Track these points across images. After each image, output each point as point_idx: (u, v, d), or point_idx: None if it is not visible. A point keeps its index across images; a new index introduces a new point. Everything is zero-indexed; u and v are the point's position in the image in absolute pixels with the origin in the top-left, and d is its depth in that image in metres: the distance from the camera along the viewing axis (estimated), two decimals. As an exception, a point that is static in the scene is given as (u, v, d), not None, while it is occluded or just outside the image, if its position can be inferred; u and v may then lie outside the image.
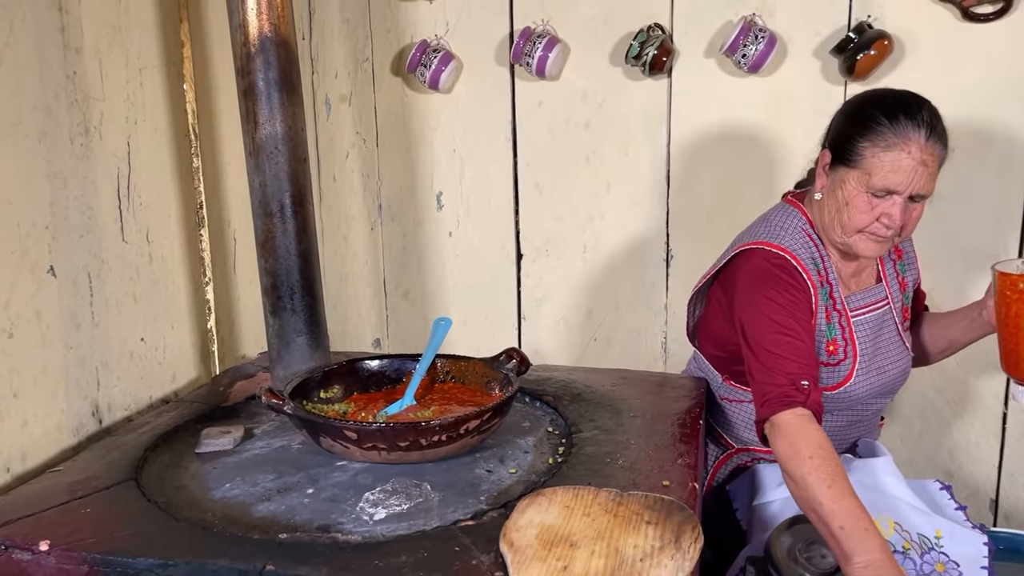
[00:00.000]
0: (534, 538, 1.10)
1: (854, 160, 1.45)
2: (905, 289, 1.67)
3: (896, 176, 1.41)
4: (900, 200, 1.43)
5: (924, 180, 1.42)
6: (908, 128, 1.41)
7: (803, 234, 1.55)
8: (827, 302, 1.53)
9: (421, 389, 1.54)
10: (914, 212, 1.47)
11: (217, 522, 1.21)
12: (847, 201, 1.47)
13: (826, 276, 1.54)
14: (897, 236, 1.48)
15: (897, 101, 1.45)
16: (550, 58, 2.09)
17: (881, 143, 1.42)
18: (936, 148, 1.43)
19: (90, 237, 1.59)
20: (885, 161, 1.41)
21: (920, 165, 1.40)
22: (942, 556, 1.41)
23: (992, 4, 1.88)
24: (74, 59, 1.55)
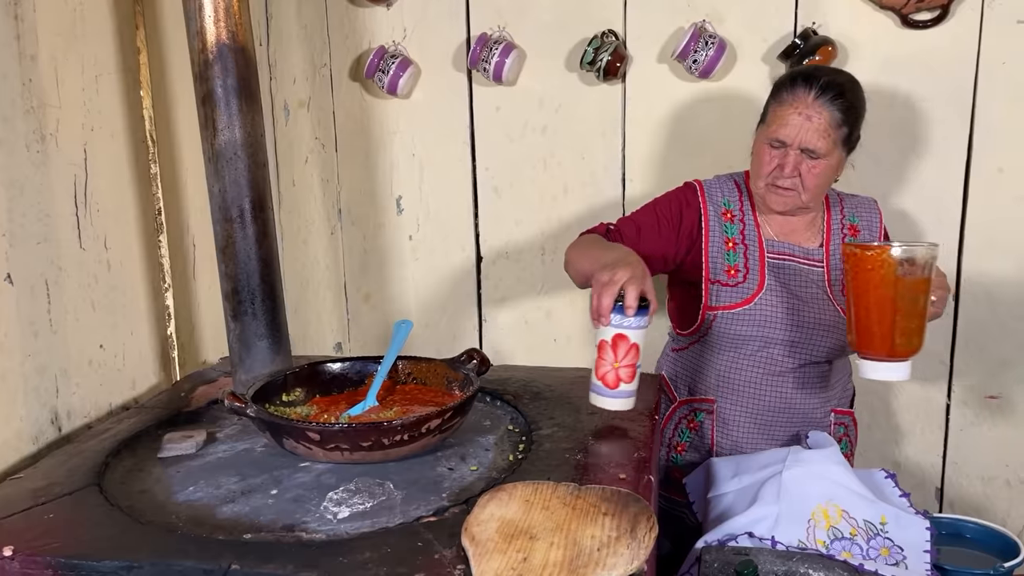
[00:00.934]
0: (495, 531, 1.13)
1: (764, 118, 1.72)
2: None
3: (785, 129, 1.64)
4: (792, 152, 1.64)
5: (810, 135, 1.62)
6: (800, 88, 1.64)
7: (730, 180, 1.83)
8: (734, 235, 1.76)
9: (383, 391, 1.57)
10: (813, 169, 1.65)
11: (182, 524, 1.22)
12: (756, 152, 1.73)
13: (741, 217, 1.77)
14: (801, 192, 1.67)
15: (803, 70, 1.72)
16: (507, 64, 2.12)
17: (778, 100, 1.67)
18: (825, 108, 1.62)
19: (47, 244, 1.59)
20: (779, 114, 1.65)
21: (805, 120, 1.61)
22: (887, 541, 1.47)
23: (930, 12, 1.96)
24: (29, 66, 1.55)
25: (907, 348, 1.44)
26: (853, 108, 1.65)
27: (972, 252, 2.04)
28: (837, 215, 1.80)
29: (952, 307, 2.07)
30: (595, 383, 1.49)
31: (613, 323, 1.44)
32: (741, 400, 1.79)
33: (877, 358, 1.46)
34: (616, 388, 1.47)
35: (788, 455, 1.57)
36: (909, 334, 1.43)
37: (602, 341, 1.47)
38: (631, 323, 1.44)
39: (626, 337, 1.44)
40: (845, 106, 1.63)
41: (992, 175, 2.00)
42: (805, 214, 1.77)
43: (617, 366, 1.46)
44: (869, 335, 1.45)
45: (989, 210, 2.02)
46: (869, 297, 1.43)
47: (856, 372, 1.51)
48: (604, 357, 1.47)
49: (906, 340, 1.44)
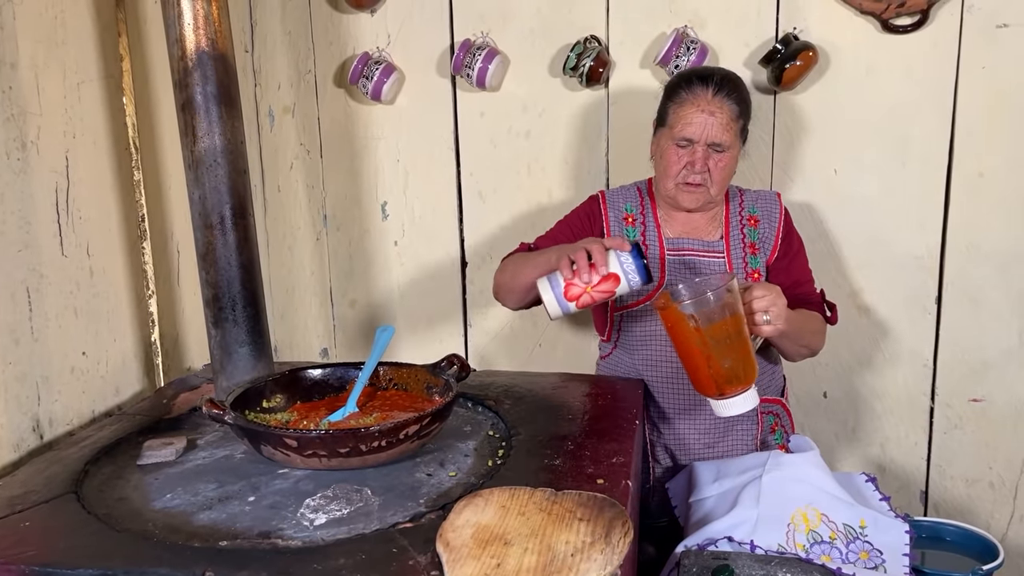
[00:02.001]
0: (469, 537, 1.13)
1: (664, 120, 1.77)
2: (756, 253, 1.81)
3: (691, 127, 1.70)
4: (700, 148, 1.70)
5: (715, 130, 1.68)
6: (697, 87, 1.70)
7: (633, 188, 1.90)
8: (635, 237, 1.82)
9: (364, 397, 1.57)
10: (720, 162, 1.71)
11: (158, 532, 1.22)
12: (662, 155, 1.76)
13: (642, 220, 1.84)
14: (710, 186, 1.72)
15: (695, 71, 1.79)
16: (490, 69, 2.13)
17: (678, 100, 1.73)
18: (725, 103, 1.69)
19: (28, 251, 1.59)
20: (681, 115, 1.71)
21: (709, 116, 1.68)
22: (866, 545, 1.47)
23: (910, 17, 1.96)
24: (9, 74, 1.55)
25: (737, 383, 1.43)
26: (746, 102, 1.75)
27: (954, 256, 2.05)
28: (736, 207, 1.84)
29: (935, 310, 2.08)
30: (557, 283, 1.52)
31: (623, 266, 1.48)
32: (664, 397, 1.81)
33: (716, 398, 1.46)
34: (569, 302, 1.51)
35: (768, 459, 1.58)
36: (734, 372, 1.42)
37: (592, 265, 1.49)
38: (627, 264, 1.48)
39: (618, 279, 1.48)
40: (740, 99, 1.72)
41: (973, 179, 2.01)
42: (709, 209, 1.81)
43: (591, 290, 1.50)
44: (698, 382, 1.47)
45: (970, 214, 2.03)
46: (681, 349, 1.45)
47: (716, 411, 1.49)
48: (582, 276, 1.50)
49: (733, 378, 1.43)
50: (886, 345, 2.13)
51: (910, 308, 2.10)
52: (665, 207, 1.83)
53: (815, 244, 2.12)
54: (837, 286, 2.12)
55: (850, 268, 2.12)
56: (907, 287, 2.10)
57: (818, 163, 2.08)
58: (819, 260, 2.12)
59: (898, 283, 2.10)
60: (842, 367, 2.17)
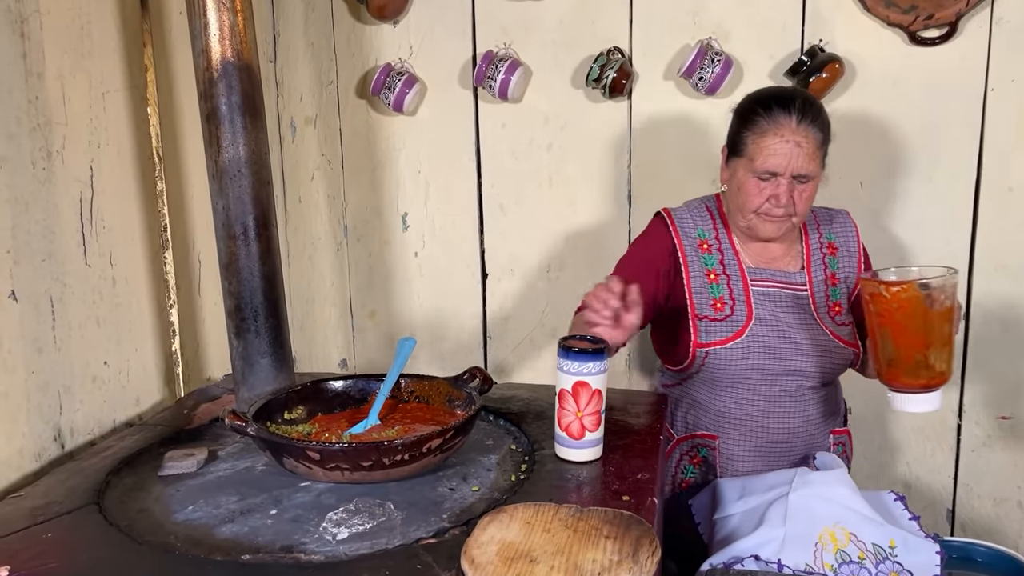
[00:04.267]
0: (494, 554, 1.12)
1: (740, 150, 1.66)
2: (836, 284, 1.74)
3: (775, 159, 1.59)
4: (784, 181, 1.61)
5: (801, 160, 1.58)
6: (780, 115, 1.59)
7: (702, 207, 1.79)
8: (714, 267, 1.71)
9: (385, 409, 1.56)
10: (804, 192, 1.62)
11: (179, 545, 1.21)
12: (740, 187, 1.66)
13: (718, 246, 1.73)
14: (793, 216, 1.64)
15: (772, 94, 1.66)
16: (512, 81, 2.12)
17: (758, 131, 1.61)
18: (810, 130, 1.59)
19: (52, 261, 1.59)
20: (763, 146, 1.60)
21: (795, 147, 1.58)
22: (896, 565, 1.44)
23: (938, 29, 1.94)
24: (36, 84, 1.55)
25: (940, 377, 1.45)
26: (828, 125, 1.65)
27: (983, 272, 2.02)
28: (815, 236, 1.78)
29: (963, 327, 2.05)
30: (559, 434, 1.46)
31: (572, 371, 1.42)
32: (744, 433, 1.75)
33: (910, 390, 1.45)
34: (582, 438, 1.44)
35: (795, 476, 1.55)
36: (940, 363, 1.43)
37: (562, 391, 1.44)
38: (591, 368, 1.41)
39: (587, 384, 1.42)
40: (823, 124, 1.63)
41: (1003, 194, 1.98)
42: (787, 237, 1.73)
43: (581, 415, 1.43)
44: (900, 369, 1.45)
45: (999, 230, 2.00)
46: (898, 332, 1.42)
47: (889, 404, 1.49)
48: (566, 407, 1.44)
49: (937, 370, 1.44)
50: (912, 361, 2.10)
51: (937, 324, 2.07)
52: (739, 233, 1.75)
53: (840, 258, 2.09)
54: (862, 301, 2.10)
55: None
56: (934, 303, 2.07)
57: (844, 176, 2.06)
58: (844, 274, 2.10)
59: (925, 298, 2.07)
60: (867, 383, 2.11)
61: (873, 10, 1.96)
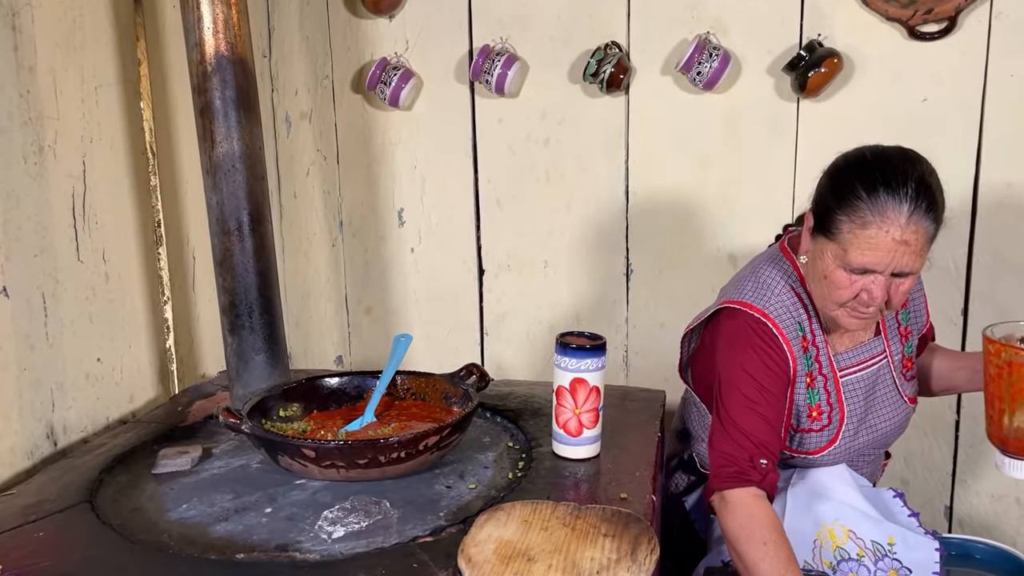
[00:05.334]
0: (492, 553, 1.11)
1: (832, 232, 1.35)
2: (908, 339, 1.58)
3: (874, 255, 1.30)
4: (881, 278, 1.33)
5: (906, 259, 1.30)
6: (888, 204, 1.29)
7: (791, 294, 1.47)
8: (812, 367, 1.47)
9: (381, 406, 1.55)
10: (901, 287, 1.35)
11: (173, 543, 1.20)
12: (825, 274, 1.38)
13: (812, 340, 1.47)
14: (885, 311, 1.39)
15: (881, 170, 1.33)
16: (509, 75, 2.11)
17: (858, 219, 1.31)
18: (922, 224, 1.30)
19: (44, 257, 1.58)
20: (861, 239, 1.31)
21: (900, 244, 1.29)
22: (895, 562, 1.44)
23: (937, 23, 1.93)
24: (27, 78, 1.54)
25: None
26: (942, 209, 1.36)
27: (981, 267, 2.01)
28: None
29: (962, 322, 2.04)
30: (557, 431, 1.45)
31: (569, 367, 1.41)
32: None
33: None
34: (579, 435, 1.43)
35: (793, 474, 1.54)
36: None
37: (560, 387, 1.43)
38: (588, 365, 1.40)
39: (585, 381, 1.41)
40: (937, 214, 1.33)
41: (1001, 190, 1.97)
42: None
43: (578, 412, 1.42)
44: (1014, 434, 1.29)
45: (998, 226, 1.99)
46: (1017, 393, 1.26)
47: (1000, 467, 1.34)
48: (564, 404, 1.43)
49: None
50: (911, 357, 2.09)
51: (936, 319, 2.03)
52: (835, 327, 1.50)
53: (838, 254, 2.08)
54: (861, 297, 2.09)
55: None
56: (933, 298, 2.03)
57: (842, 172, 2.05)
58: (842, 270, 2.09)
59: (922, 294, 2.06)
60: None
61: (872, 4, 1.95)
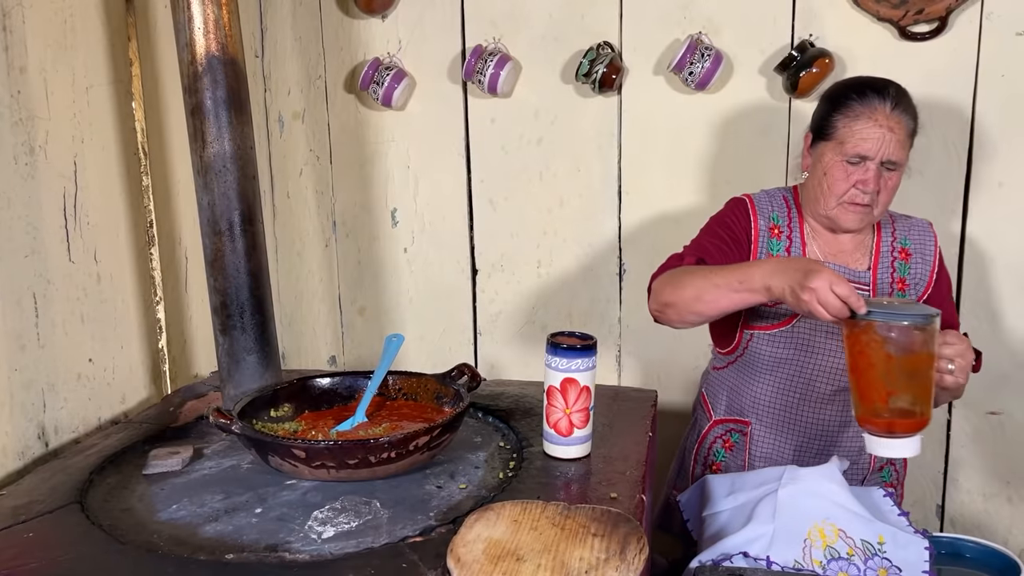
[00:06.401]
0: (481, 553, 1.11)
1: (830, 133, 1.61)
2: (904, 289, 1.70)
3: (866, 143, 1.56)
4: (873, 166, 1.57)
5: (893, 147, 1.56)
6: (874, 100, 1.57)
7: (779, 196, 1.74)
8: (779, 253, 1.69)
9: (373, 406, 1.55)
10: (889, 181, 1.60)
11: (163, 544, 1.20)
12: (826, 171, 1.61)
13: (788, 233, 1.70)
14: (875, 207, 1.60)
15: (865, 81, 1.64)
16: (502, 75, 2.11)
17: (851, 115, 1.58)
18: (903, 118, 1.57)
19: (35, 257, 1.58)
20: (855, 130, 1.57)
21: (887, 131, 1.55)
22: (885, 561, 1.44)
23: (928, 24, 1.94)
24: (18, 78, 1.53)
25: (909, 425, 1.35)
26: (917, 117, 1.63)
27: (972, 267, 2.02)
28: (888, 237, 1.71)
29: (952, 322, 2.05)
30: (547, 431, 1.45)
31: (560, 367, 1.41)
32: (776, 423, 1.73)
33: (877, 434, 1.37)
34: (570, 435, 1.43)
35: (784, 473, 1.55)
36: (911, 411, 1.34)
37: (550, 387, 1.43)
38: (579, 365, 1.41)
39: (575, 380, 1.41)
40: (915, 114, 1.62)
41: (992, 189, 1.98)
42: (859, 232, 1.69)
43: (569, 412, 1.42)
44: (867, 412, 1.37)
45: (989, 225, 1.99)
46: (861, 372, 1.35)
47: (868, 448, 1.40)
48: (554, 404, 1.43)
49: (907, 417, 1.34)
50: (902, 357, 2.10)
51: (927, 319, 2.07)
52: (813, 223, 1.70)
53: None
54: (852, 296, 2.09)
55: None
56: (923, 298, 2.06)
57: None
58: (834, 270, 2.10)
59: (914, 294, 2.06)
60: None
61: (863, 5, 1.96)
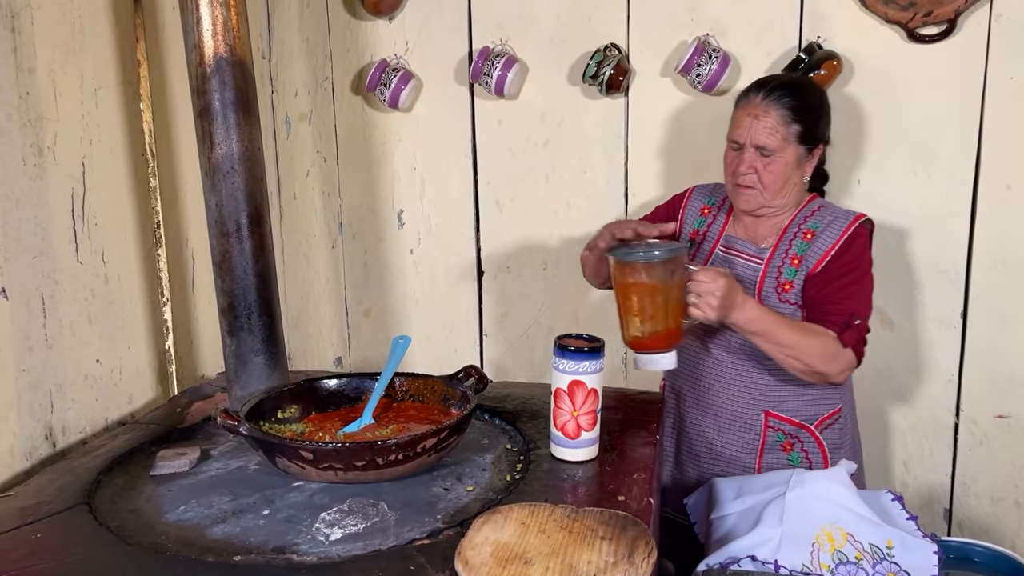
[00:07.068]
0: (489, 556, 1.11)
1: None
2: (796, 265, 1.76)
3: (739, 129, 1.72)
4: (747, 151, 1.71)
5: (758, 132, 1.69)
6: (751, 93, 1.73)
7: (720, 186, 1.89)
8: (699, 228, 1.88)
9: (379, 408, 1.55)
10: (769, 165, 1.71)
11: (171, 545, 1.20)
12: (724, 157, 1.78)
13: (715, 214, 1.87)
14: (762, 190, 1.72)
15: (759, 79, 1.79)
16: (509, 77, 2.11)
17: (736, 106, 1.76)
18: (772, 107, 1.69)
19: (43, 258, 1.58)
20: (734, 119, 1.75)
21: (753, 119, 1.70)
22: (893, 566, 1.44)
23: (936, 26, 1.93)
24: (27, 79, 1.54)
25: (656, 343, 1.50)
26: (803, 107, 1.70)
27: (981, 270, 2.01)
28: (800, 220, 1.77)
29: (961, 325, 2.04)
30: (555, 434, 1.45)
31: (567, 370, 1.41)
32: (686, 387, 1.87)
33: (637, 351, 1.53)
34: (577, 438, 1.43)
35: (792, 476, 1.54)
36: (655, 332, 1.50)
37: (558, 390, 1.43)
38: (586, 367, 1.41)
39: (583, 383, 1.41)
40: (792, 104, 1.70)
41: (1000, 192, 1.97)
42: (768, 215, 1.77)
43: (576, 414, 1.42)
44: (625, 333, 1.54)
45: (998, 227, 1.99)
46: (621, 300, 1.53)
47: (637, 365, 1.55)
48: (562, 406, 1.43)
49: (653, 336, 1.50)
50: (910, 360, 2.09)
51: (935, 323, 2.06)
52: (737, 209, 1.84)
53: (838, 256, 2.08)
54: (860, 299, 2.09)
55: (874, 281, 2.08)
56: (932, 301, 2.06)
57: (842, 174, 2.05)
58: (842, 272, 2.09)
59: (923, 297, 2.06)
60: (865, 381, 2.13)
61: (871, 7, 1.95)
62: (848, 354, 1.66)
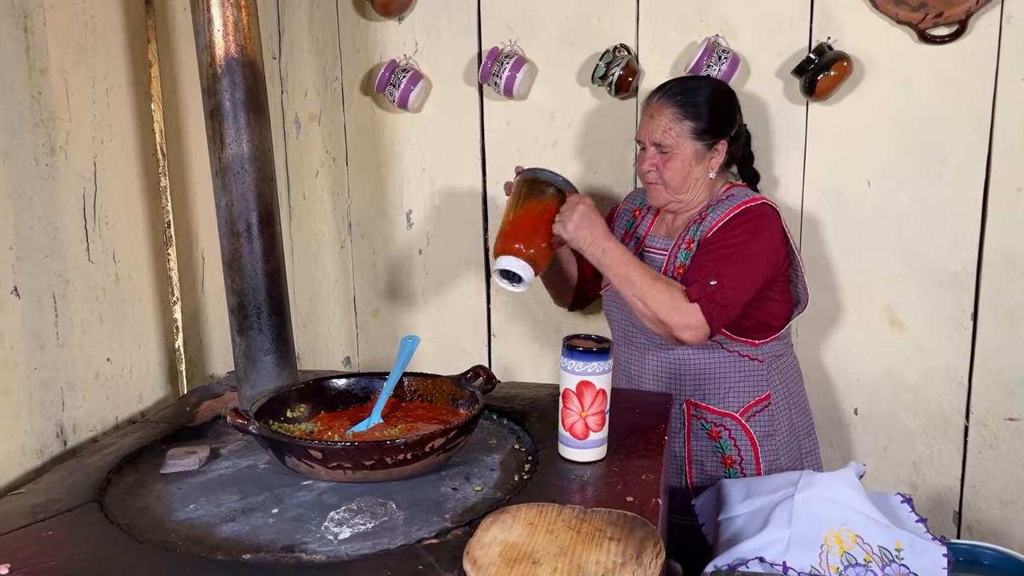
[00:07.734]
0: (497, 556, 1.11)
1: None
2: (689, 248, 1.83)
3: (641, 130, 1.83)
4: (649, 149, 1.81)
5: (653, 131, 1.79)
6: (651, 96, 1.83)
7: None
8: (628, 229, 1.98)
9: (388, 408, 1.55)
10: (668, 162, 1.79)
11: (180, 543, 1.21)
12: None
13: (644, 214, 1.97)
14: (664, 186, 1.81)
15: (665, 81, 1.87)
16: (518, 78, 2.11)
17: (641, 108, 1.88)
18: (665, 106, 1.78)
19: (55, 257, 1.59)
20: (640, 121, 1.85)
21: (649, 119, 1.80)
22: (903, 568, 1.43)
23: (947, 27, 1.93)
24: (39, 79, 1.55)
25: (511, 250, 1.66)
26: (693, 103, 1.77)
27: (991, 271, 2.00)
28: (703, 210, 1.83)
29: (971, 327, 2.03)
30: (563, 434, 1.45)
31: (576, 370, 1.41)
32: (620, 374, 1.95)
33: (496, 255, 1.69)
34: (585, 438, 1.43)
35: (800, 477, 1.54)
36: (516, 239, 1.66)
37: (566, 390, 1.43)
38: (595, 368, 1.41)
39: (591, 384, 1.41)
40: (683, 102, 1.78)
41: (1011, 194, 1.96)
42: (682, 210, 1.85)
43: (585, 415, 1.42)
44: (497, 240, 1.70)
45: (1008, 229, 1.98)
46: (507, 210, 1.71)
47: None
48: (570, 406, 1.43)
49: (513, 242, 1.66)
50: (920, 362, 2.08)
51: (945, 324, 2.06)
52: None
53: (847, 257, 2.08)
54: (870, 300, 2.08)
55: (884, 283, 2.08)
56: (942, 303, 2.05)
57: (851, 175, 2.04)
58: (851, 274, 2.09)
59: (933, 299, 2.05)
60: (874, 383, 2.12)
61: (882, 8, 1.95)
62: (694, 310, 1.65)
